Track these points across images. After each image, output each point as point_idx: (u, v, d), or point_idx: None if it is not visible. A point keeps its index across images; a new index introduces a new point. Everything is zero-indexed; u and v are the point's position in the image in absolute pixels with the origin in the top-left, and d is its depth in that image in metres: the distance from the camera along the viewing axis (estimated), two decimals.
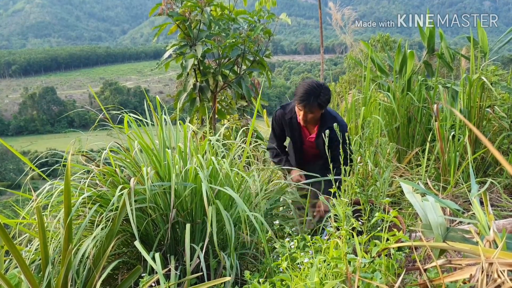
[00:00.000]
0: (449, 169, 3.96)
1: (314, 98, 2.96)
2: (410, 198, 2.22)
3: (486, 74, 4.26)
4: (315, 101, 2.97)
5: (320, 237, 2.10)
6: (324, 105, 3.04)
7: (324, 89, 3.02)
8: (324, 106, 3.04)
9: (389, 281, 1.77)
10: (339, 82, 12.93)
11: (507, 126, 4.21)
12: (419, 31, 5.18)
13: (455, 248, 1.68)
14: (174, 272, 2.22)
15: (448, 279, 1.62)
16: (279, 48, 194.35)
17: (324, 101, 3.01)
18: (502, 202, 3.75)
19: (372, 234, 2.04)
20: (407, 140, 4.84)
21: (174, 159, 2.60)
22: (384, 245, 1.85)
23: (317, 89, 2.98)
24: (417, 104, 4.74)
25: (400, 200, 3.96)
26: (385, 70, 5.51)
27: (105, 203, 2.53)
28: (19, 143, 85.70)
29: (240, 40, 4.49)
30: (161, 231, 2.55)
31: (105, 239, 2.34)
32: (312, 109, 3.01)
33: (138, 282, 2.24)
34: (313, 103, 2.97)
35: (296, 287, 1.74)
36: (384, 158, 3.15)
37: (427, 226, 1.98)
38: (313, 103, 2.97)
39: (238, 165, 3.05)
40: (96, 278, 2.19)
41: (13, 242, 2.11)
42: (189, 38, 4.43)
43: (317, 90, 2.97)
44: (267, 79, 5.09)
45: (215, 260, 2.51)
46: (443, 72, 7.80)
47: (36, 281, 2.11)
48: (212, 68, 4.73)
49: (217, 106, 5.00)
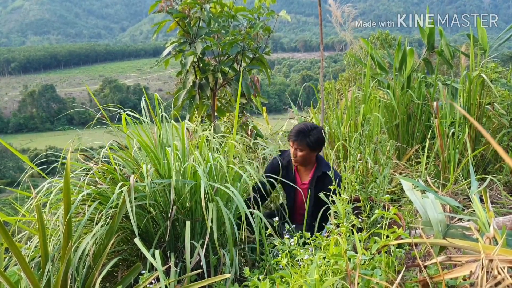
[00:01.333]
0: (449, 166, 3.97)
1: (303, 136, 3.16)
2: (410, 195, 2.22)
3: (486, 72, 4.25)
4: (304, 139, 3.16)
5: (320, 234, 2.10)
6: (313, 145, 3.18)
7: (316, 131, 3.20)
8: (313, 146, 3.18)
9: (389, 278, 1.77)
10: (338, 79, 12.93)
11: (506, 123, 4.21)
12: (419, 28, 5.18)
13: (455, 245, 1.68)
14: (174, 269, 2.22)
15: (448, 276, 1.62)
16: (278, 45, 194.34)
17: (313, 140, 3.17)
18: (502, 199, 3.75)
19: (372, 231, 2.04)
20: (406, 138, 4.84)
21: (174, 156, 2.59)
22: (384, 242, 1.85)
23: (308, 129, 3.19)
24: (417, 102, 4.74)
25: (400, 197, 3.96)
26: (385, 67, 5.50)
27: (104, 200, 2.53)
28: (18, 140, 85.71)
29: (239, 37, 4.48)
30: (161, 228, 2.55)
31: (105, 236, 2.33)
32: (301, 146, 3.18)
33: (138, 279, 2.24)
34: (302, 141, 3.16)
35: (296, 284, 1.74)
36: (384, 155, 3.15)
37: (427, 223, 1.98)
38: (302, 140, 3.16)
39: (235, 161, 3.05)
40: (96, 275, 2.19)
41: (13, 239, 2.10)
42: (189, 35, 4.42)
43: (308, 130, 3.19)
44: (267, 77, 5.08)
45: (215, 257, 2.51)
46: (443, 70, 7.80)
47: (36, 279, 2.11)
48: (212, 65, 4.72)
49: (217, 103, 4.99)
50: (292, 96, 43.69)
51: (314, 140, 3.16)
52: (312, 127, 3.21)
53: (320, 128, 3.26)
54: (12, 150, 2.77)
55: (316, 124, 3.35)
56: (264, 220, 2.50)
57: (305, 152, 3.19)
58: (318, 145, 3.20)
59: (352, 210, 2.28)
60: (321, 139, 3.20)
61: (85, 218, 2.30)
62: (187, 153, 2.74)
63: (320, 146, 3.22)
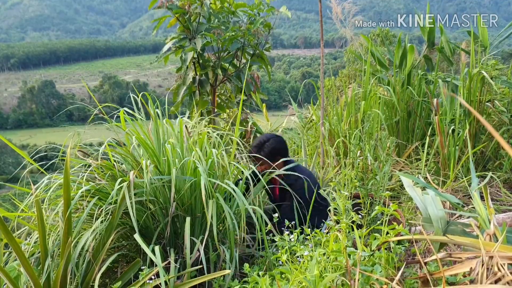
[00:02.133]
0: (449, 163, 3.96)
1: (257, 151, 3.20)
2: (410, 191, 2.22)
3: (486, 69, 4.24)
4: (258, 153, 3.20)
5: (319, 230, 2.10)
6: (269, 156, 3.19)
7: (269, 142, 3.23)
8: (269, 157, 3.18)
9: (389, 274, 1.77)
10: (339, 76, 12.91)
11: (507, 120, 4.20)
12: (419, 25, 5.16)
13: (455, 241, 1.68)
14: (174, 265, 2.22)
15: (448, 273, 1.62)
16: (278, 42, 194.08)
17: (267, 152, 3.19)
18: (502, 196, 3.75)
19: (372, 227, 2.03)
20: (406, 134, 4.84)
21: (173, 152, 2.59)
22: (384, 238, 1.85)
23: (262, 142, 3.23)
24: (417, 98, 4.73)
25: (400, 194, 3.96)
26: (385, 64, 5.49)
27: (104, 196, 2.53)
28: (18, 136, 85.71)
29: (239, 33, 4.47)
30: (161, 224, 2.54)
31: (105, 232, 2.33)
32: (259, 160, 3.20)
33: (137, 275, 2.24)
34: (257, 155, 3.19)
35: (296, 280, 1.74)
36: (384, 152, 3.15)
37: (427, 219, 1.97)
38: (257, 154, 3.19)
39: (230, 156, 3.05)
40: (96, 271, 2.19)
41: (13, 235, 2.10)
42: (189, 31, 4.41)
43: (262, 143, 3.23)
44: (267, 73, 5.08)
45: (215, 253, 2.51)
46: (443, 67, 7.79)
47: (36, 274, 2.11)
48: (212, 61, 4.71)
49: (217, 99, 4.99)
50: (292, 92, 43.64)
51: (269, 151, 3.19)
52: (266, 139, 3.25)
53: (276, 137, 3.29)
54: (11, 145, 2.77)
55: (274, 134, 3.40)
56: (265, 217, 2.50)
57: (267, 164, 3.19)
58: (275, 153, 3.21)
59: (352, 206, 2.27)
60: (276, 147, 3.22)
61: (84, 213, 2.30)
62: (185, 149, 2.74)
63: (278, 154, 3.23)
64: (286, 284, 1.82)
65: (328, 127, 4.85)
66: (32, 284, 2.08)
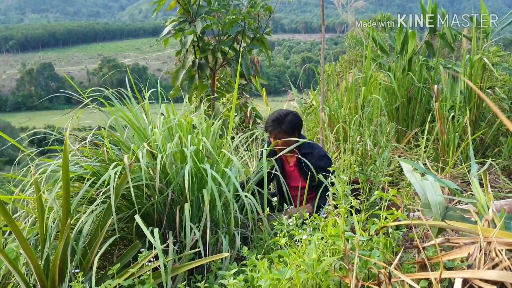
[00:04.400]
0: (448, 149, 3.96)
1: (278, 124, 3.20)
2: (410, 177, 2.22)
3: (487, 55, 4.22)
4: (279, 127, 3.19)
5: (318, 215, 2.10)
6: (290, 130, 3.21)
7: (290, 116, 3.24)
8: (289, 131, 3.21)
9: (387, 259, 1.78)
10: (339, 61, 12.85)
11: (507, 107, 4.19)
12: (421, 10, 5.12)
13: (453, 227, 1.69)
14: (172, 247, 2.23)
15: (446, 258, 1.63)
16: (279, 26, 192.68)
17: (288, 126, 3.20)
18: (500, 183, 3.76)
19: (370, 212, 2.04)
20: (406, 120, 4.83)
21: (163, 139, 2.58)
22: (383, 223, 1.85)
23: (281, 116, 3.22)
24: (418, 85, 4.71)
25: (398, 180, 3.97)
26: (386, 49, 5.46)
27: (98, 180, 2.52)
28: (17, 119, 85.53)
29: (240, 17, 4.43)
30: (157, 203, 2.55)
31: (103, 215, 2.34)
32: (279, 134, 3.21)
33: (136, 257, 2.25)
34: (277, 129, 3.20)
35: (294, 264, 1.74)
36: (383, 138, 3.14)
37: (426, 205, 1.98)
38: (277, 128, 3.20)
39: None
40: (95, 253, 2.20)
41: (12, 217, 2.10)
42: (189, 14, 4.38)
43: (281, 117, 3.22)
44: (267, 57, 5.04)
45: (214, 237, 2.52)
46: (444, 53, 7.75)
47: (35, 256, 2.12)
48: (212, 45, 4.68)
49: (216, 84, 4.97)
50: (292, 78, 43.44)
51: (290, 126, 3.20)
52: (285, 114, 3.25)
53: (294, 112, 3.30)
54: (2, 135, 2.73)
55: (289, 110, 3.39)
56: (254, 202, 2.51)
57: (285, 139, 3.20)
58: (295, 128, 3.24)
59: (351, 191, 2.28)
60: (295, 122, 3.24)
61: (80, 193, 2.30)
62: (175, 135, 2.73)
63: (297, 129, 3.26)
64: (284, 267, 1.83)
65: (328, 112, 4.83)
66: (31, 265, 2.09)
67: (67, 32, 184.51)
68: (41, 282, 2.11)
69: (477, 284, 1.41)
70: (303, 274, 1.72)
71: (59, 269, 2.13)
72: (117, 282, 1.98)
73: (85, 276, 2.18)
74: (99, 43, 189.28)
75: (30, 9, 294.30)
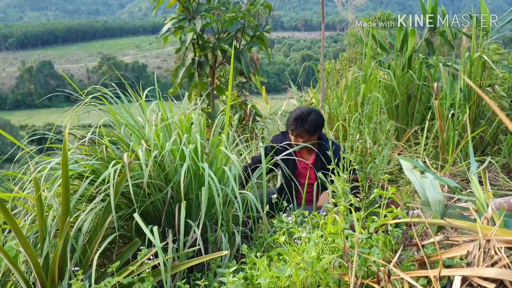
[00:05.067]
0: (448, 147, 3.96)
1: (301, 123, 3.13)
2: (409, 175, 2.22)
3: (487, 53, 4.22)
4: (302, 126, 3.13)
5: (318, 213, 2.11)
6: (313, 130, 3.16)
7: (313, 115, 3.17)
8: (312, 131, 3.16)
9: (386, 257, 1.78)
10: (339, 59, 12.83)
11: (507, 105, 4.19)
12: (421, 7, 5.11)
13: (453, 225, 1.69)
14: (172, 245, 2.23)
15: (445, 255, 1.63)
16: (278, 24, 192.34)
17: (311, 126, 3.14)
18: (499, 181, 3.76)
19: (370, 210, 2.04)
20: (406, 118, 4.83)
21: (161, 136, 2.58)
22: (382, 221, 1.85)
23: (304, 114, 3.14)
24: (417, 82, 4.71)
25: (398, 178, 3.97)
26: (386, 47, 5.46)
27: (97, 178, 2.52)
28: (16, 117, 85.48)
29: (240, 14, 4.43)
30: (156, 201, 2.55)
31: (103, 213, 2.34)
32: (301, 133, 3.17)
33: (135, 255, 2.25)
34: (300, 128, 3.14)
35: (293, 261, 1.75)
36: (383, 136, 3.14)
37: (426, 203, 1.98)
38: (300, 127, 3.14)
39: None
40: (94, 251, 2.20)
41: (11, 214, 2.10)
42: (188, 11, 4.37)
43: (304, 116, 3.14)
44: (267, 55, 5.04)
45: (213, 235, 2.52)
46: (444, 51, 7.74)
47: (35, 253, 2.12)
48: (211, 42, 4.67)
49: (216, 81, 4.96)
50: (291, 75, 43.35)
51: (313, 125, 3.15)
52: (308, 112, 3.18)
53: (317, 111, 3.24)
54: (2, 132, 2.73)
55: (312, 107, 3.32)
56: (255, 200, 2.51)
57: (306, 138, 3.18)
58: (318, 128, 3.19)
59: (351, 189, 2.28)
60: (319, 122, 3.18)
61: (79, 191, 2.30)
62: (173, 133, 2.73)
63: (320, 129, 3.21)
64: (283, 265, 1.83)
65: (327, 110, 4.83)
66: (31, 263, 2.09)
67: (67, 30, 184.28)
68: (40, 280, 2.12)
69: (476, 282, 1.41)
70: (302, 272, 1.72)
71: (58, 267, 2.14)
72: (117, 280, 1.98)
73: (84, 274, 2.18)
74: (99, 41, 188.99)
75: (30, 7, 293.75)
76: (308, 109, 3.22)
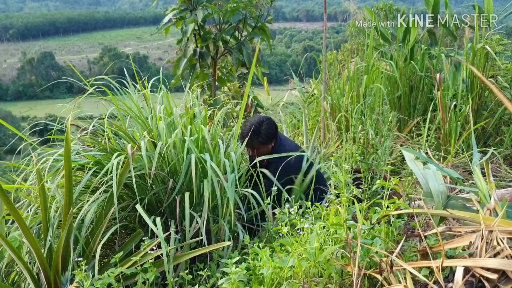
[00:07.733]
0: (450, 139, 3.96)
1: (251, 137, 3.02)
2: (412, 166, 2.22)
3: (490, 44, 4.19)
4: (254, 139, 3.05)
5: (320, 204, 2.11)
6: (266, 140, 3.07)
7: (264, 124, 3.07)
8: (266, 141, 3.08)
9: (388, 248, 1.78)
10: (341, 50, 12.79)
11: (509, 96, 4.18)
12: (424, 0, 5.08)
13: (455, 215, 1.69)
14: (174, 235, 2.24)
15: (448, 246, 1.63)
16: (280, 14, 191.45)
17: (264, 137, 3.06)
18: (502, 172, 3.76)
19: (372, 201, 2.04)
20: (408, 109, 4.82)
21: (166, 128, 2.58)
22: (384, 212, 1.86)
23: (256, 127, 3.04)
24: (420, 73, 4.69)
25: (400, 169, 3.97)
26: (388, 38, 5.43)
27: (101, 169, 2.52)
28: (18, 108, 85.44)
29: (241, 5, 4.41)
30: (159, 192, 2.55)
31: (105, 204, 2.34)
32: (256, 146, 3.09)
33: (138, 245, 2.26)
34: (253, 142, 3.05)
35: (296, 252, 1.75)
36: (385, 127, 3.14)
37: (428, 194, 1.98)
38: (253, 141, 3.05)
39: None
40: (97, 242, 2.21)
41: (14, 205, 2.11)
42: (189, 2, 4.35)
43: (256, 128, 3.04)
44: (268, 46, 5.02)
45: (216, 226, 2.53)
46: (447, 42, 7.70)
47: (38, 244, 2.13)
48: (213, 33, 4.66)
49: (217, 73, 4.95)
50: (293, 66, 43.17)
51: (265, 136, 3.07)
52: (259, 123, 3.07)
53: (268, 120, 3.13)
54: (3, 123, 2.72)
55: (261, 116, 3.21)
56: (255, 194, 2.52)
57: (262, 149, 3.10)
58: (271, 137, 3.10)
59: (353, 180, 2.28)
60: (271, 132, 3.09)
61: (82, 182, 2.31)
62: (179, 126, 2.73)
63: (274, 137, 3.12)
64: (286, 255, 1.83)
65: (329, 101, 4.82)
66: (34, 254, 2.10)
67: (68, 21, 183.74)
68: (44, 270, 2.13)
69: (478, 273, 1.42)
70: (305, 263, 1.72)
71: (62, 258, 2.15)
72: (120, 270, 1.99)
73: (87, 265, 2.20)
74: (100, 32, 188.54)
75: None
76: (259, 120, 3.11)
